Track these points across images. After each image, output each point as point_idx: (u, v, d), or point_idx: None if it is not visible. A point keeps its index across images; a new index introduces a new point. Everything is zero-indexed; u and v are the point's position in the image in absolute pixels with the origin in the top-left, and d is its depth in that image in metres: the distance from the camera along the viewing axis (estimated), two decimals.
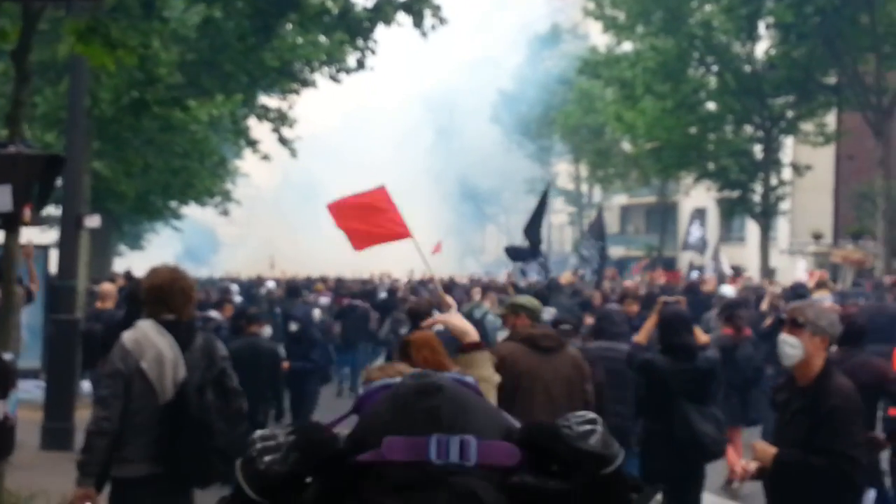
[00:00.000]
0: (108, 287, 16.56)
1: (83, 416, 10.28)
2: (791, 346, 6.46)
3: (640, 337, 10.40)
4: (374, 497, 1.86)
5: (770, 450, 6.52)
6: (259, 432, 2.05)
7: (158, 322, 6.67)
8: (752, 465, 6.66)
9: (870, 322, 15.43)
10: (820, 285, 20.63)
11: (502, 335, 9.03)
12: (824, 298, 18.57)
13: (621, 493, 2.00)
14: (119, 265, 40.33)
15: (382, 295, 27.32)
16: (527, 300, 9.38)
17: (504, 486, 1.86)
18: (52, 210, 24.63)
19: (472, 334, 5.30)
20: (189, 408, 6.53)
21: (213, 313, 16.42)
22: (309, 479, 2.01)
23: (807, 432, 6.33)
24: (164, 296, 6.73)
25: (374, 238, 10.62)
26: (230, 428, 6.85)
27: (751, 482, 7.25)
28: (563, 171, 67.58)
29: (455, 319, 5.48)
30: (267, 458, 1.98)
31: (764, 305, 18.88)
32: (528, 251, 26.13)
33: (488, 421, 1.97)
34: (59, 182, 15.71)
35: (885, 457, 9.93)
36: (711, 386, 9.66)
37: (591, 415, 2.02)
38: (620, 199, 71.98)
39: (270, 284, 35.50)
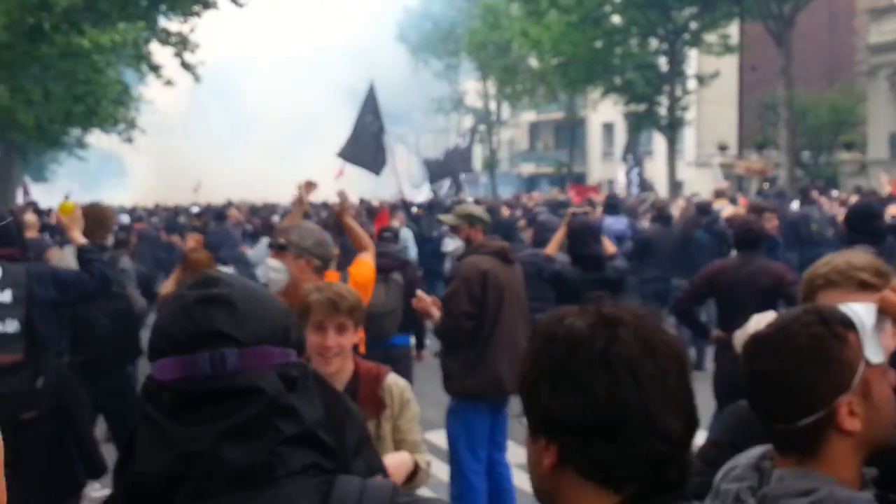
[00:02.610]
0: (30, 217, 16.35)
1: None
2: (275, 271, 6.04)
3: (550, 248, 10.42)
4: (156, 416, 2.10)
5: None
6: None
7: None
8: None
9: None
10: (718, 195, 21.05)
11: (453, 244, 9.02)
12: (723, 207, 18.96)
13: None
14: (22, 196, 39.50)
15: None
16: (481, 212, 9.28)
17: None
18: None
19: None
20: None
21: None
22: None
23: None
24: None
25: None
26: (111, 321, 8.41)
27: None
28: (471, 89, 67.40)
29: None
30: None
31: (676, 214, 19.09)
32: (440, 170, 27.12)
33: (265, 325, 2.18)
34: None
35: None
36: (621, 295, 9.80)
37: None
38: (529, 116, 72.07)
39: (195, 210, 34.99)
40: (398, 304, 10.34)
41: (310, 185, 8.20)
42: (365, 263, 7.78)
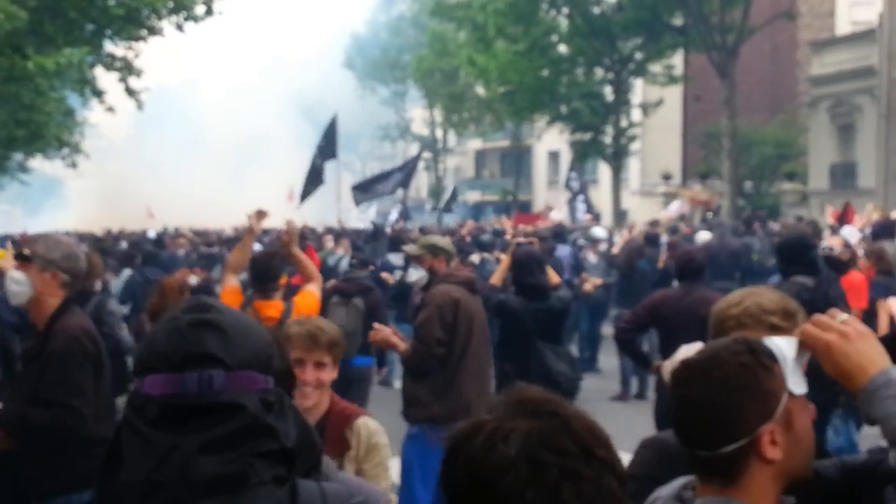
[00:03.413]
0: None
1: None
2: (17, 283, 5.59)
3: (495, 279, 10.42)
4: (142, 427, 2.25)
5: None
6: None
7: None
8: None
9: (713, 259, 16.12)
10: (654, 224, 21.29)
11: (417, 274, 9.08)
12: (661, 237, 19.20)
13: None
14: None
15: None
16: (444, 242, 9.31)
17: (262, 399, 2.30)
18: None
19: None
20: None
21: None
22: None
23: (35, 381, 5.43)
24: None
25: None
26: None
27: None
28: (418, 116, 67.51)
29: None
30: None
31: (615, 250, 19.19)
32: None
33: (251, 352, 2.34)
34: None
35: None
36: (564, 325, 9.83)
37: None
38: (475, 144, 72.26)
39: (151, 234, 34.51)
40: (358, 327, 10.86)
41: (260, 214, 8.23)
42: (310, 294, 7.81)
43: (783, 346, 2.52)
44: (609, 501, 2.03)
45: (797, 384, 2.49)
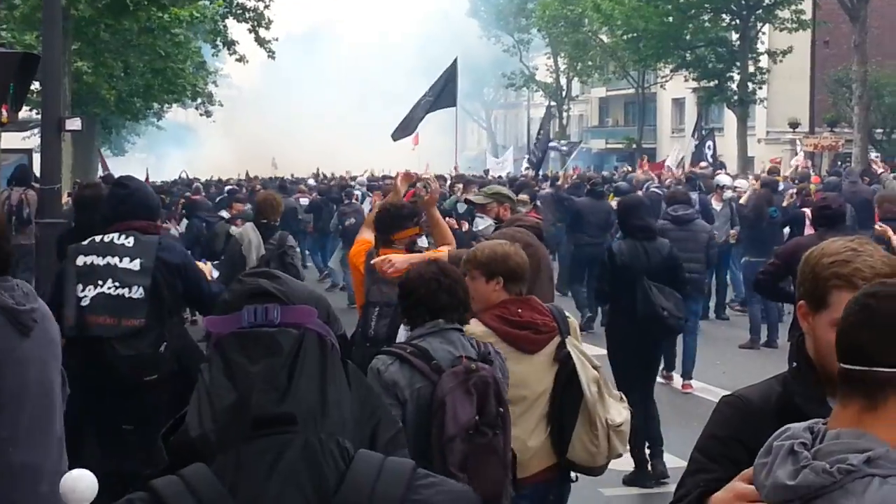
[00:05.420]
0: None
1: None
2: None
3: None
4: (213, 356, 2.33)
5: None
6: None
7: (255, 224, 10.94)
8: None
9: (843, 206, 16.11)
10: (772, 171, 21.29)
11: (484, 223, 9.32)
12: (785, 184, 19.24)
13: None
14: (101, 170, 40.31)
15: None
16: (508, 191, 9.75)
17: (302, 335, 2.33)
18: (35, 114, 24.75)
19: None
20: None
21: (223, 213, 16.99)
22: None
23: None
24: (260, 208, 11.22)
25: None
26: None
27: None
28: (542, 64, 67.36)
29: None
30: None
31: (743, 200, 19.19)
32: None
33: (307, 294, 2.42)
34: (37, 84, 15.84)
35: None
36: (674, 266, 10.05)
37: None
38: (599, 92, 71.86)
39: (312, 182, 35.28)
40: None
41: (407, 176, 8.56)
42: (437, 253, 8.01)
43: None
44: (452, 292, 4.91)
45: None
